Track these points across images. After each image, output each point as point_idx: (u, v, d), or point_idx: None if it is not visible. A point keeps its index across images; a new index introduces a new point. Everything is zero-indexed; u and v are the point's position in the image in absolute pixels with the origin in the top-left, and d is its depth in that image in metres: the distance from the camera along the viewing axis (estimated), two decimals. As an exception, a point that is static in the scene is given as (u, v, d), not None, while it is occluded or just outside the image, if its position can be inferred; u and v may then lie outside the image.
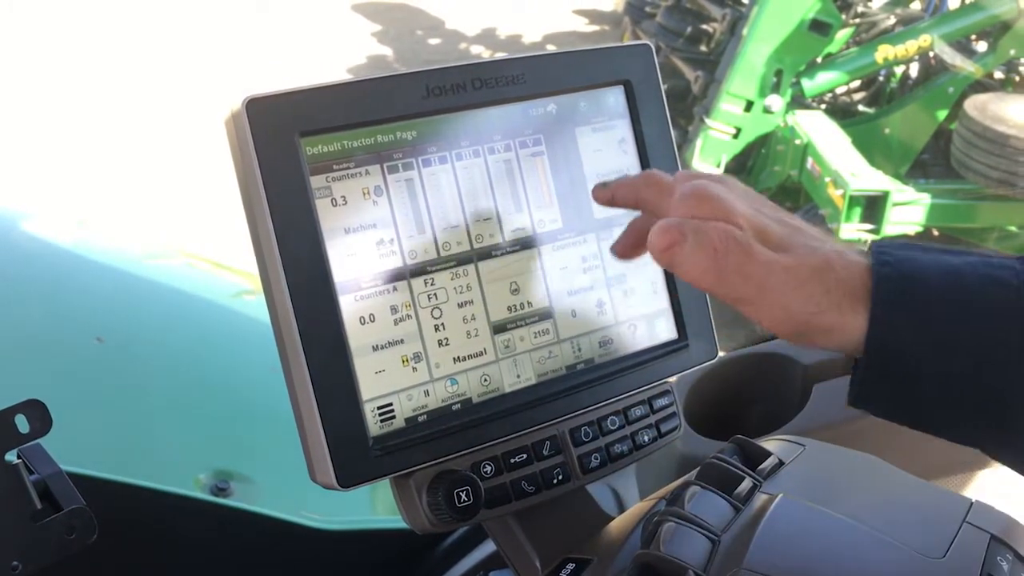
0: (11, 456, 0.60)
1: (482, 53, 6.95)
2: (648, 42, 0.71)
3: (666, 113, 0.71)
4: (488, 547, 1.02)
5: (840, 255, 0.53)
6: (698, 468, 0.64)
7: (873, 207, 3.52)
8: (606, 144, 0.69)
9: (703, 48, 4.65)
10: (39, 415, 0.60)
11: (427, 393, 0.62)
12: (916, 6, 4.62)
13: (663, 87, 0.72)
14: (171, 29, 7.24)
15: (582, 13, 8.01)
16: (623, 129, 0.70)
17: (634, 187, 0.61)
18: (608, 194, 0.62)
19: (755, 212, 0.55)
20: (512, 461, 0.64)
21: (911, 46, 4.01)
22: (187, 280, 1.67)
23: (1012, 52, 3.94)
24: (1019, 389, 0.49)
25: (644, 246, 0.56)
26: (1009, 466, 0.55)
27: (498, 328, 0.65)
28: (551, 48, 6.97)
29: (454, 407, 0.63)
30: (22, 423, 0.60)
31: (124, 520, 0.83)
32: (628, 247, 0.64)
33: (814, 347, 0.54)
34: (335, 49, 7.04)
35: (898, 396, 0.52)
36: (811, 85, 4.14)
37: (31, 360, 1.24)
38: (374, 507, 1.26)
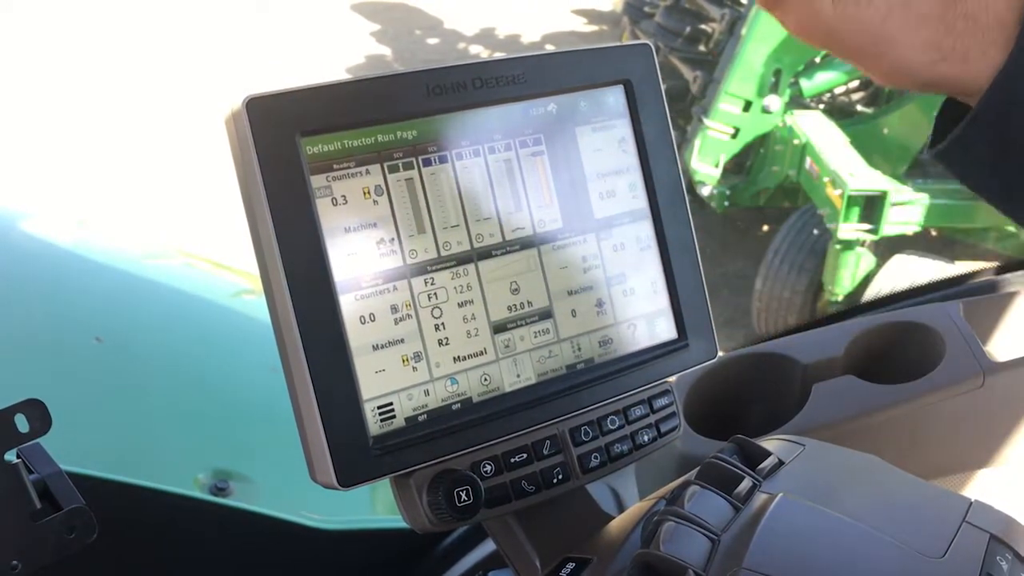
0: (11, 455, 0.60)
1: (480, 53, 6.96)
2: (648, 42, 0.71)
3: (666, 113, 0.71)
4: (488, 547, 1.02)
5: None
6: (698, 468, 0.64)
7: (872, 207, 3.52)
8: (606, 144, 0.69)
9: (702, 48, 4.65)
10: (39, 415, 0.60)
11: (427, 392, 0.62)
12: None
13: (663, 87, 0.72)
14: (171, 29, 7.24)
15: (581, 13, 8.01)
16: (623, 128, 0.70)
17: None
18: None
19: None
20: (512, 461, 0.64)
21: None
22: (186, 280, 1.67)
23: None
24: None
25: None
26: None
27: (498, 328, 0.65)
28: (550, 48, 6.97)
29: (454, 407, 0.63)
30: (22, 422, 0.60)
31: (124, 520, 0.83)
32: None
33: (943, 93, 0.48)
34: (334, 49, 7.04)
35: (999, 150, 0.46)
36: (809, 85, 4.14)
37: (31, 360, 1.24)
38: (374, 507, 1.26)
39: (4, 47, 6.52)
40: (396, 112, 0.61)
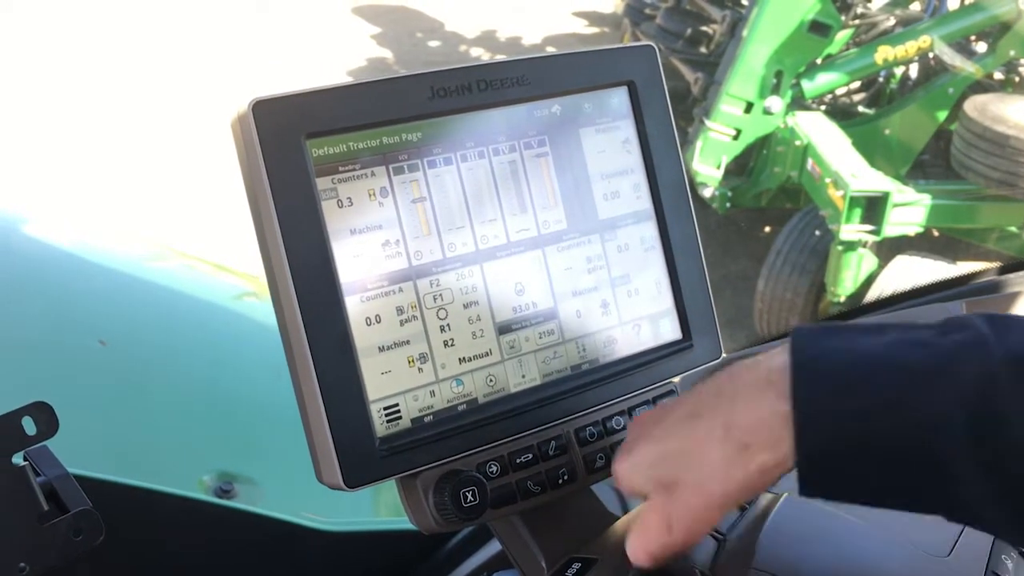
0: (18, 458, 0.61)
1: (482, 55, 6.96)
2: (651, 43, 0.72)
3: (670, 114, 0.71)
4: (492, 548, 1.02)
5: (743, 399, 0.52)
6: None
7: (873, 208, 3.51)
8: (610, 145, 0.69)
9: (703, 50, 4.65)
10: (46, 418, 0.60)
11: (433, 394, 0.62)
12: (916, 7, 4.62)
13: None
14: (172, 30, 7.24)
15: (582, 15, 8.01)
16: (627, 130, 0.70)
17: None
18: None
19: (629, 474, 0.57)
20: (518, 461, 0.64)
21: (911, 47, 4.01)
22: (189, 283, 1.67)
23: (1012, 53, 3.94)
24: (958, 454, 0.46)
25: None
26: (969, 525, 0.52)
27: (503, 329, 0.65)
28: (551, 50, 6.97)
29: (460, 407, 0.63)
30: (29, 425, 0.60)
31: (129, 522, 0.83)
32: None
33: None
34: (335, 52, 7.05)
35: (853, 487, 0.50)
36: (811, 86, 4.14)
37: (37, 363, 1.24)
38: (376, 509, 1.26)
39: (5, 47, 6.53)
40: (401, 114, 0.62)
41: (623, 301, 0.69)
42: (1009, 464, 0.45)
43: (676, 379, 0.71)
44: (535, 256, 0.66)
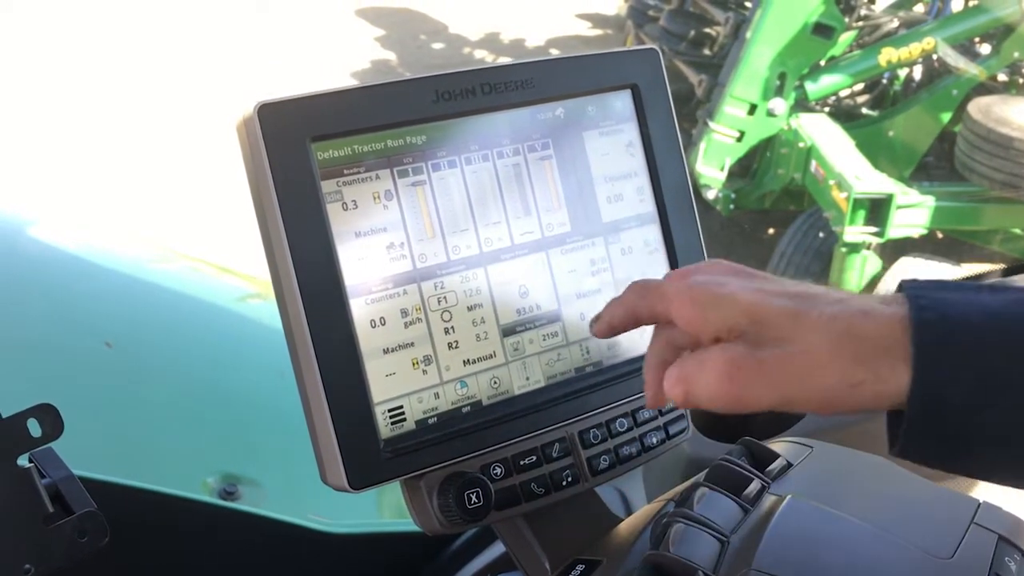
0: (23, 460, 0.61)
1: (485, 58, 6.96)
2: (655, 47, 0.72)
3: (673, 117, 0.71)
4: (496, 549, 1.02)
5: (865, 314, 0.49)
6: (707, 470, 0.65)
7: (877, 210, 3.51)
8: (614, 148, 0.69)
9: (706, 52, 4.65)
10: (51, 420, 0.61)
11: (437, 396, 0.62)
12: (919, 9, 4.62)
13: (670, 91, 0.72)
14: (174, 31, 7.25)
15: (585, 17, 8.01)
16: (631, 133, 0.70)
17: (626, 304, 0.57)
18: (604, 324, 0.58)
19: (755, 297, 0.51)
20: (522, 463, 0.64)
21: (915, 49, 4.01)
22: (194, 285, 1.67)
23: (1016, 55, 3.93)
24: None
25: (618, 331, 0.57)
26: None
27: (507, 331, 0.65)
28: (554, 52, 6.98)
29: (464, 409, 0.63)
30: (34, 427, 0.60)
31: (133, 523, 0.83)
32: (606, 331, 0.59)
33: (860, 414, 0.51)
34: (339, 54, 7.05)
35: (947, 446, 0.49)
36: (814, 88, 4.14)
37: (42, 364, 1.24)
38: (380, 510, 1.26)
39: (5, 48, 6.54)
40: (406, 117, 0.62)
41: (627, 303, 0.69)
42: None
43: (680, 381, 0.71)
44: (539, 259, 0.66)
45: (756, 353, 0.49)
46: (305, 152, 0.58)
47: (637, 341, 0.70)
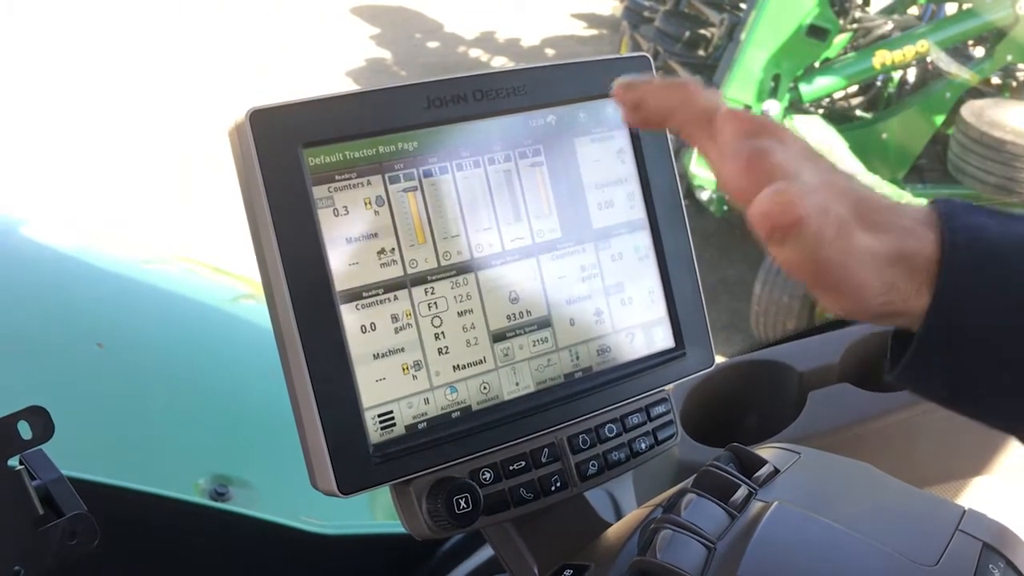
0: (13, 462, 0.61)
1: (480, 57, 6.96)
2: (647, 54, 0.72)
3: (664, 124, 0.71)
4: (486, 552, 1.03)
5: (910, 231, 0.49)
6: (694, 475, 0.65)
7: (870, 212, 3.52)
8: (605, 154, 0.70)
9: (701, 53, 4.66)
10: (42, 422, 0.61)
11: (427, 401, 0.63)
12: (914, 12, 4.64)
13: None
14: (170, 30, 7.24)
15: (580, 17, 8.02)
16: (622, 139, 0.70)
17: (669, 104, 0.52)
18: (635, 95, 0.53)
19: (838, 183, 0.50)
20: (511, 468, 0.65)
21: (908, 51, 4.02)
22: (186, 285, 1.67)
23: (1009, 58, 3.95)
24: None
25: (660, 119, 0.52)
26: None
27: (497, 336, 0.65)
28: (549, 52, 6.98)
29: (454, 415, 0.64)
30: (24, 429, 0.60)
31: (124, 525, 0.83)
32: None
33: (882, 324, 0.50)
34: (333, 52, 7.05)
35: (952, 375, 0.49)
36: (809, 90, 4.15)
37: (32, 365, 1.24)
38: (373, 512, 1.27)
39: (5, 48, 6.53)
40: (397, 123, 0.62)
41: (617, 310, 0.70)
42: None
43: (669, 387, 0.72)
44: (530, 264, 0.67)
45: (855, 231, 0.48)
46: (296, 158, 0.59)
47: (626, 347, 0.70)
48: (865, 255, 0.48)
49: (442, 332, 0.63)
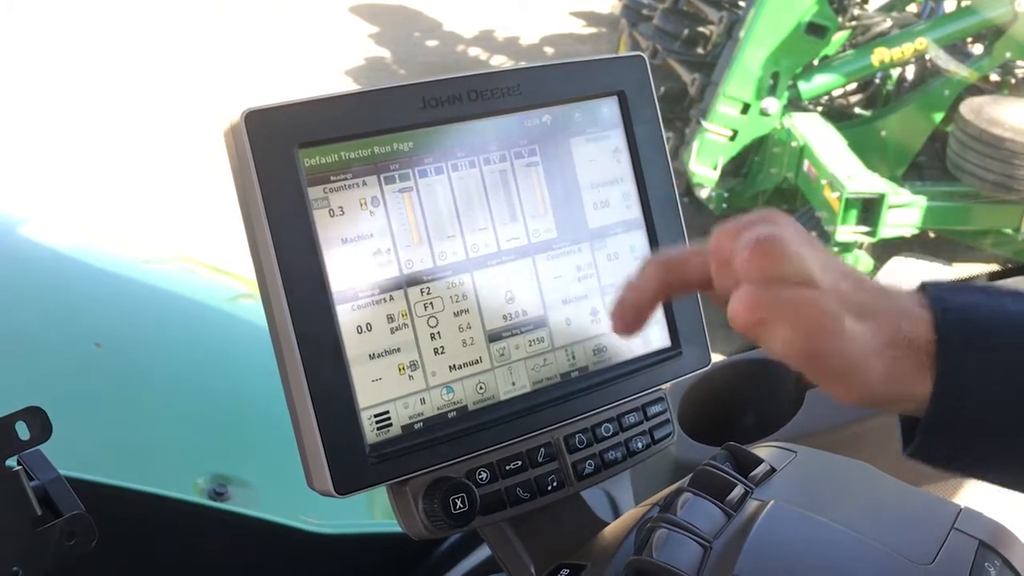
0: (11, 462, 0.61)
1: (479, 55, 6.96)
2: (642, 53, 0.72)
3: (660, 123, 0.72)
4: (484, 552, 1.03)
5: (903, 313, 0.50)
6: (691, 475, 0.65)
7: (869, 210, 3.53)
8: (600, 154, 0.70)
9: (700, 51, 4.66)
10: (39, 422, 0.61)
11: (423, 401, 0.63)
12: (912, 9, 4.64)
13: (657, 95, 0.72)
14: (167, 29, 7.24)
15: (579, 15, 8.02)
16: (617, 139, 0.70)
17: (655, 278, 0.54)
18: (631, 310, 0.54)
19: (829, 269, 0.50)
20: (507, 468, 0.65)
21: (907, 49, 4.02)
22: (185, 284, 1.67)
23: (1007, 55, 3.95)
24: None
25: (647, 313, 0.53)
26: None
27: (493, 336, 0.65)
28: (548, 51, 6.97)
29: (450, 415, 0.64)
30: (22, 430, 0.60)
31: (123, 524, 0.83)
32: (634, 318, 0.55)
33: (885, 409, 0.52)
34: (332, 51, 7.04)
35: (962, 450, 0.50)
36: (807, 88, 4.15)
37: (30, 366, 1.24)
38: (372, 511, 1.27)
39: (4, 49, 6.52)
40: (392, 124, 0.62)
41: (613, 309, 0.70)
42: None
43: (665, 386, 0.72)
44: (525, 264, 0.67)
45: (844, 319, 0.48)
46: (292, 159, 0.59)
47: (622, 347, 0.70)
48: (861, 341, 0.48)
49: (438, 332, 0.63)
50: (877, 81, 4.52)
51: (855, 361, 0.48)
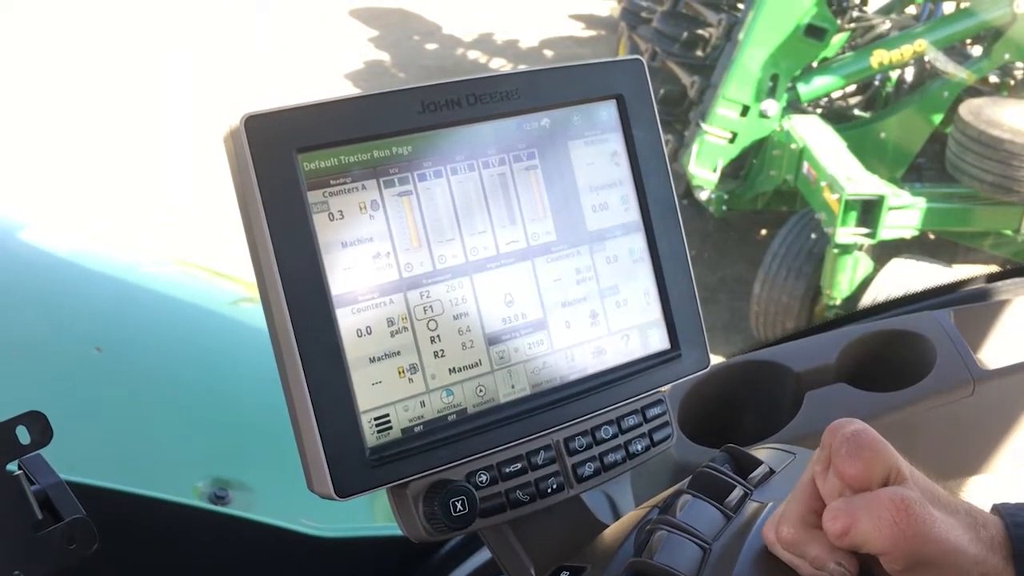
0: (12, 466, 0.61)
1: (478, 58, 6.97)
2: (640, 57, 0.72)
3: (658, 126, 0.72)
4: (484, 554, 1.03)
5: (975, 511, 0.55)
6: (690, 477, 0.65)
7: (869, 211, 3.53)
8: (599, 157, 0.70)
9: (699, 53, 4.66)
10: (40, 427, 0.61)
11: (423, 404, 0.63)
12: (911, 11, 4.64)
13: (655, 99, 0.72)
14: (167, 30, 7.24)
15: (578, 18, 8.02)
16: (616, 142, 0.71)
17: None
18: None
19: (912, 480, 0.55)
20: (507, 471, 0.65)
21: (906, 51, 4.02)
22: (185, 289, 1.67)
23: (1006, 56, 3.95)
24: None
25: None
26: None
27: (493, 339, 0.65)
28: (548, 54, 6.98)
29: (450, 417, 0.64)
30: (23, 434, 0.61)
31: (123, 528, 0.83)
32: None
33: None
34: (332, 54, 7.05)
35: None
36: (807, 90, 4.15)
37: (31, 370, 1.24)
38: (373, 514, 1.27)
39: (3, 49, 6.53)
40: (392, 128, 0.62)
41: (612, 312, 0.70)
42: None
43: (664, 389, 0.72)
44: (525, 267, 0.67)
45: (928, 507, 0.53)
46: (291, 163, 0.59)
47: (621, 349, 0.70)
48: (946, 522, 0.53)
49: (438, 335, 0.64)
50: (876, 83, 4.52)
51: (948, 547, 0.52)
